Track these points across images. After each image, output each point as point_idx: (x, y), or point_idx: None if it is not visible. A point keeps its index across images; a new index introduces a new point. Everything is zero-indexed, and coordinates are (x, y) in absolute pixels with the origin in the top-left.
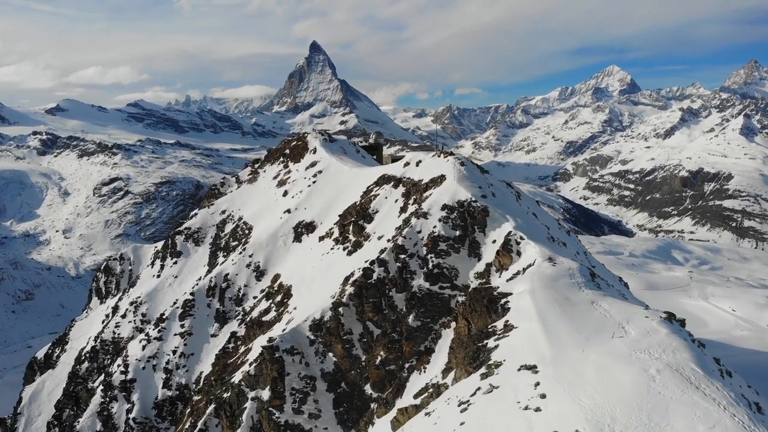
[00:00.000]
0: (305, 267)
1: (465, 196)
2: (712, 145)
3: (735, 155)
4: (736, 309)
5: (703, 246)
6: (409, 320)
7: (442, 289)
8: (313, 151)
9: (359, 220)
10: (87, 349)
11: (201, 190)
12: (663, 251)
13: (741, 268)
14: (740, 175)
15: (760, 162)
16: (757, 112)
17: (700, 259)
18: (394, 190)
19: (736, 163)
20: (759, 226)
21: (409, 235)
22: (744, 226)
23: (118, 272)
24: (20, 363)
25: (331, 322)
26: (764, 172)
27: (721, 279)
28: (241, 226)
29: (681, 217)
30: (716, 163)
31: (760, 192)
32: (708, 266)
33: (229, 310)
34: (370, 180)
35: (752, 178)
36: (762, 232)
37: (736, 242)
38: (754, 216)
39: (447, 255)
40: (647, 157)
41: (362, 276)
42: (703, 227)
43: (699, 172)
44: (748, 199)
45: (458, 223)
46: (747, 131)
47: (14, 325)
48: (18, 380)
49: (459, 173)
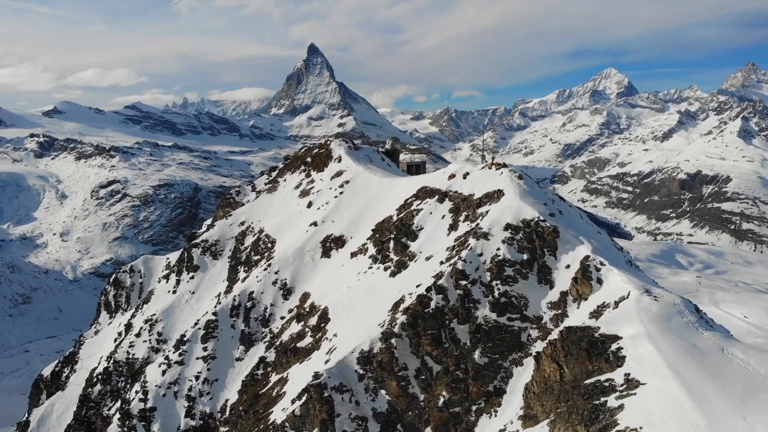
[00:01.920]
0: (339, 286)
1: (531, 214)
2: (710, 148)
3: (733, 158)
4: (748, 315)
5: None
6: (475, 356)
7: (511, 320)
8: (338, 159)
9: (401, 237)
10: (99, 370)
11: (199, 193)
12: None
13: (745, 272)
14: (738, 178)
15: (758, 165)
16: (755, 115)
17: (704, 263)
18: (440, 204)
19: (734, 166)
20: (757, 229)
21: (470, 259)
22: (743, 228)
23: (128, 285)
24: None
25: (382, 356)
26: (762, 174)
27: (729, 284)
28: (263, 239)
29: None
30: (714, 165)
31: (758, 194)
32: (712, 270)
33: (255, 331)
34: (406, 192)
35: (750, 180)
36: (761, 235)
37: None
38: (753, 218)
39: (514, 282)
40: (645, 159)
41: (417, 303)
42: (701, 230)
43: (697, 174)
44: (747, 201)
45: (525, 246)
46: (745, 134)
47: (11, 330)
48: (16, 385)
49: (519, 188)
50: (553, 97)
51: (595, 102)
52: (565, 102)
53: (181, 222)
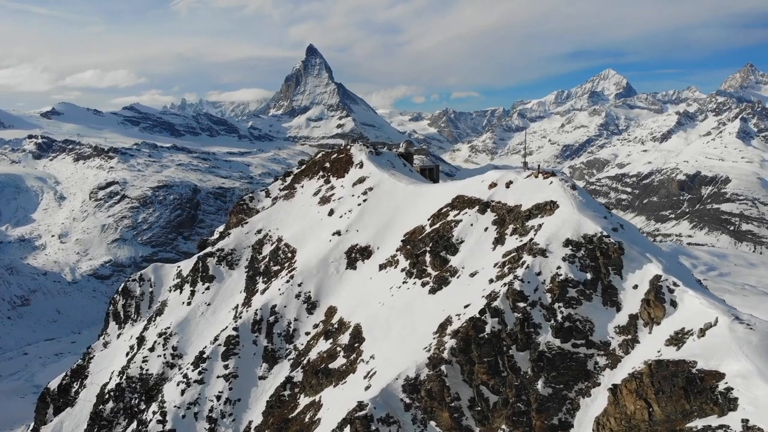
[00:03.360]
0: (370, 302)
1: (593, 229)
2: (709, 149)
3: (732, 159)
4: None
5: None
6: (538, 386)
7: (576, 347)
8: (359, 165)
9: (439, 250)
10: (111, 385)
11: (198, 194)
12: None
13: (749, 275)
14: (737, 179)
15: (757, 165)
16: (754, 116)
17: (708, 265)
18: (481, 215)
19: (734, 167)
20: (757, 230)
21: (527, 278)
22: (742, 229)
23: (137, 295)
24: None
25: (431, 384)
26: (761, 175)
27: (736, 287)
28: (283, 248)
29: (679, 221)
30: (713, 166)
31: (757, 195)
32: (716, 272)
33: (279, 347)
34: (438, 200)
35: (749, 181)
36: (760, 236)
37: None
38: (752, 219)
39: (578, 304)
40: (644, 160)
41: (471, 327)
42: (701, 231)
43: (696, 175)
44: (746, 202)
45: (587, 264)
46: (744, 135)
47: (10, 332)
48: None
49: (575, 199)
50: (551, 98)
51: (593, 103)
52: (563, 103)
53: (180, 223)
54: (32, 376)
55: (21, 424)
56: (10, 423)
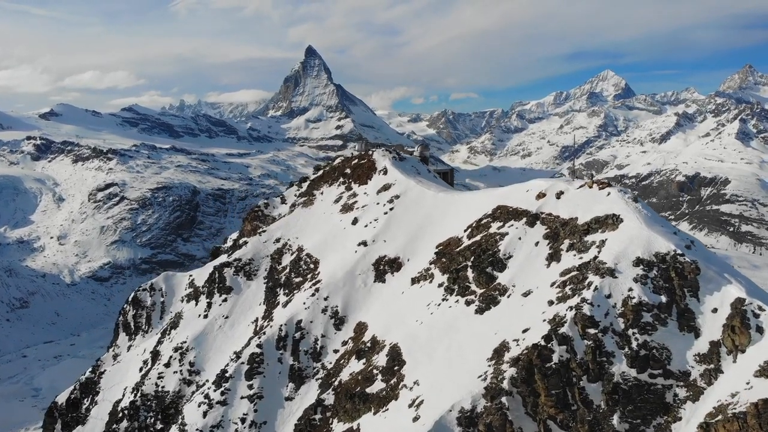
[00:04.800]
0: (405, 319)
1: (665, 247)
2: (709, 150)
3: (731, 160)
4: None
5: None
6: (613, 421)
7: (653, 377)
8: (383, 171)
9: (484, 266)
10: (124, 403)
11: (198, 196)
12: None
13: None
14: (737, 180)
15: (756, 167)
16: (753, 117)
17: None
18: (530, 228)
19: (733, 168)
20: (756, 231)
21: (597, 301)
22: (741, 231)
23: (148, 305)
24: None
25: (491, 417)
26: (761, 176)
27: None
28: (304, 258)
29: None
30: (713, 167)
31: (757, 197)
32: None
33: (306, 366)
34: (474, 210)
35: (749, 182)
36: (760, 237)
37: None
38: (752, 221)
39: (653, 329)
40: (643, 161)
41: (535, 356)
42: (700, 232)
43: (696, 176)
44: (746, 203)
45: (661, 285)
46: (743, 136)
47: (9, 334)
48: (13, 391)
49: (640, 213)
50: (550, 99)
51: (592, 104)
52: (562, 104)
53: (180, 225)
54: (31, 379)
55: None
56: (9, 426)
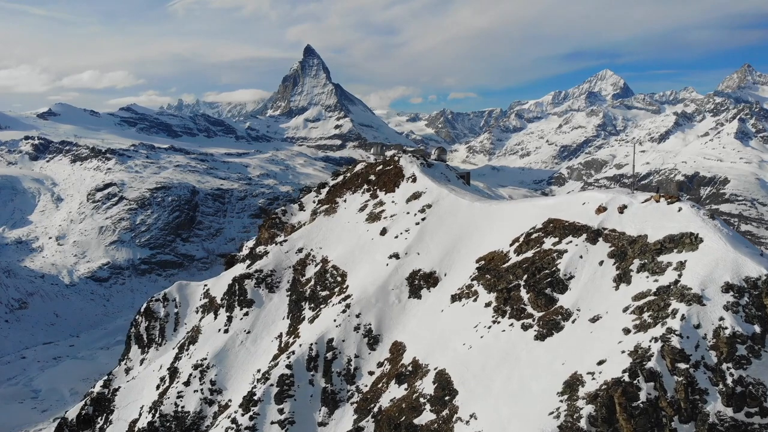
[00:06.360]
0: (450, 342)
1: (756, 271)
2: (708, 150)
3: (730, 159)
4: None
5: None
6: None
7: (749, 416)
8: (412, 178)
9: (542, 287)
10: (141, 423)
11: (197, 196)
12: None
13: None
14: (736, 180)
15: (755, 166)
16: (752, 117)
17: None
18: (591, 246)
19: (732, 168)
20: (756, 230)
21: (686, 332)
22: (741, 230)
23: (161, 316)
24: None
25: None
26: (760, 176)
27: None
28: (331, 271)
29: None
30: (712, 167)
31: (756, 196)
32: None
33: (339, 389)
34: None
35: (748, 182)
36: (759, 236)
37: None
38: (751, 220)
39: (748, 363)
40: (642, 161)
41: (620, 394)
42: None
43: (695, 176)
44: (745, 203)
45: (753, 314)
46: (742, 135)
47: (7, 335)
48: (12, 393)
49: (721, 232)
50: (549, 98)
51: (591, 104)
52: (561, 104)
53: (179, 225)
54: (30, 381)
55: (20, 429)
56: (9, 428)
